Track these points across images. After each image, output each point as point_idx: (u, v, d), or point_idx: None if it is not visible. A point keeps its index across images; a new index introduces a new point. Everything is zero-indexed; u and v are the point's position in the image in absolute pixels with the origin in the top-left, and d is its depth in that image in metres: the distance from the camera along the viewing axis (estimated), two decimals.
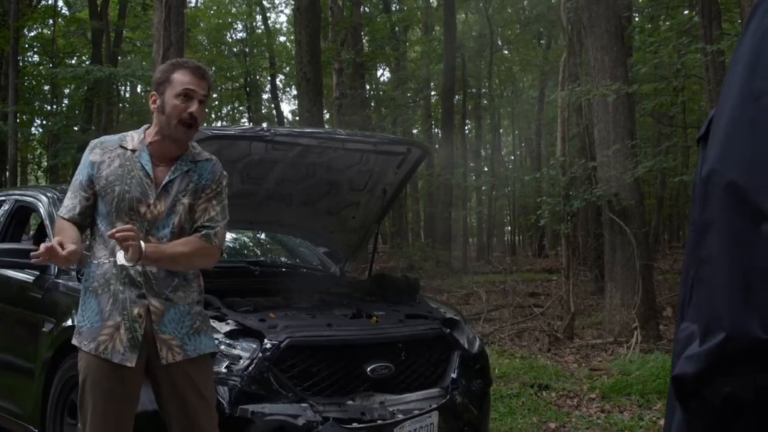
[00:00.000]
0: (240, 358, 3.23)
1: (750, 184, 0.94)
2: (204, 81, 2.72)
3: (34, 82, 22.85)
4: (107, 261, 2.68)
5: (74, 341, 2.74)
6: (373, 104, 23.65)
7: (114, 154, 2.73)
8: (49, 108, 21.27)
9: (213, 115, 32.13)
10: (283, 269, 5.09)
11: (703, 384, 0.96)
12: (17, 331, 4.10)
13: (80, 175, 2.75)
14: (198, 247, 2.69)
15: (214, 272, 4.49)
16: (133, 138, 2.78)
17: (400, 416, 3.37)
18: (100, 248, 2.71)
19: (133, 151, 2.74)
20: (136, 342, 2.64)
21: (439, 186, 18.70)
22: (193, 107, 2.67)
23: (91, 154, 2.75)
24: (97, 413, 2.63)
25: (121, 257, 2.56)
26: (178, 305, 2.72)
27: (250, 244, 5.87)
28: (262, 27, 30.02)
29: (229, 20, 28.69)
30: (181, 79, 2.68)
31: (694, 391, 0.98)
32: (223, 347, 3.24)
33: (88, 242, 2.84)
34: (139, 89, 25.96)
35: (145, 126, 2.85)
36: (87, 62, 21.82)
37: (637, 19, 15.39)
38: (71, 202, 2.73)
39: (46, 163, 23.16)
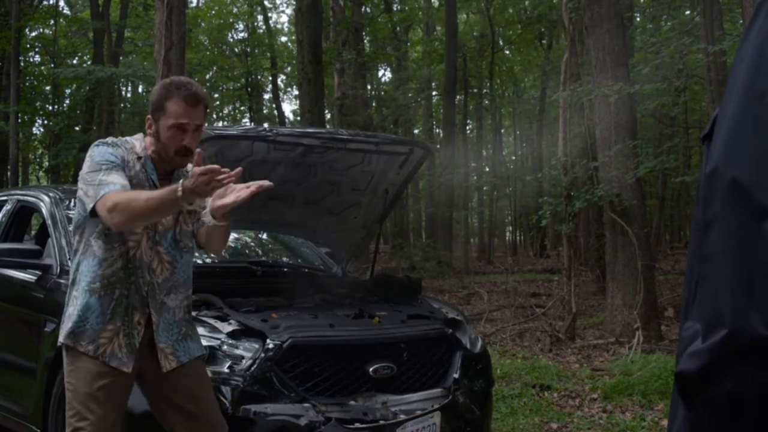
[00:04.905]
0: (242, 358, 3.23)
1: (753, 182, 0.94)
2: (197, 108, 2.66)
3: (35, 82, 22.89)
4: (116, 261, 2.66)
5: (66, 341, 2.68)
6: (374, 104, 23.68)
7: (132, 157, 2.72)
8: (50, 108, 21.29)
9: (214, 115, 32.17)
10: (285, 269, 5.09)
11: (706, 380, 0.96)
12: (19, 330, 4.10)
13: (114, 163, 2.63)
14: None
15: (217, 272, 4.54)
16: (135, 145, 2.76)
17: (402, 416, 3.37)
18: (108, 248, 2.67)
19: (139, 158, 2.73)
20: (133, 348, 2.67)
21: (441, 186, 18.70)
22: (186, 140, 2.65)
23: (116, 149, 2.68)
24: (93, 416, 2.59)
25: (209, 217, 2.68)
26: (169, 311, 2.76)
27: (252, 244, 5.87)
28: (264, 27, 30.06)
29: (231, 20, 28.72)
30: (174, 110, 2.63)
31: (697, 388, 0.98)
32: (225, 347, 3.25)
33: (83, 242, 2.73)
34: (140, 89, 26.04)
35: (142, 135, 2.81)
36: (88, 62, 21.87)
37: (638, 19, 15.39)
38: (122, 179, 2.59)
39: (47, 163, 23.21)
